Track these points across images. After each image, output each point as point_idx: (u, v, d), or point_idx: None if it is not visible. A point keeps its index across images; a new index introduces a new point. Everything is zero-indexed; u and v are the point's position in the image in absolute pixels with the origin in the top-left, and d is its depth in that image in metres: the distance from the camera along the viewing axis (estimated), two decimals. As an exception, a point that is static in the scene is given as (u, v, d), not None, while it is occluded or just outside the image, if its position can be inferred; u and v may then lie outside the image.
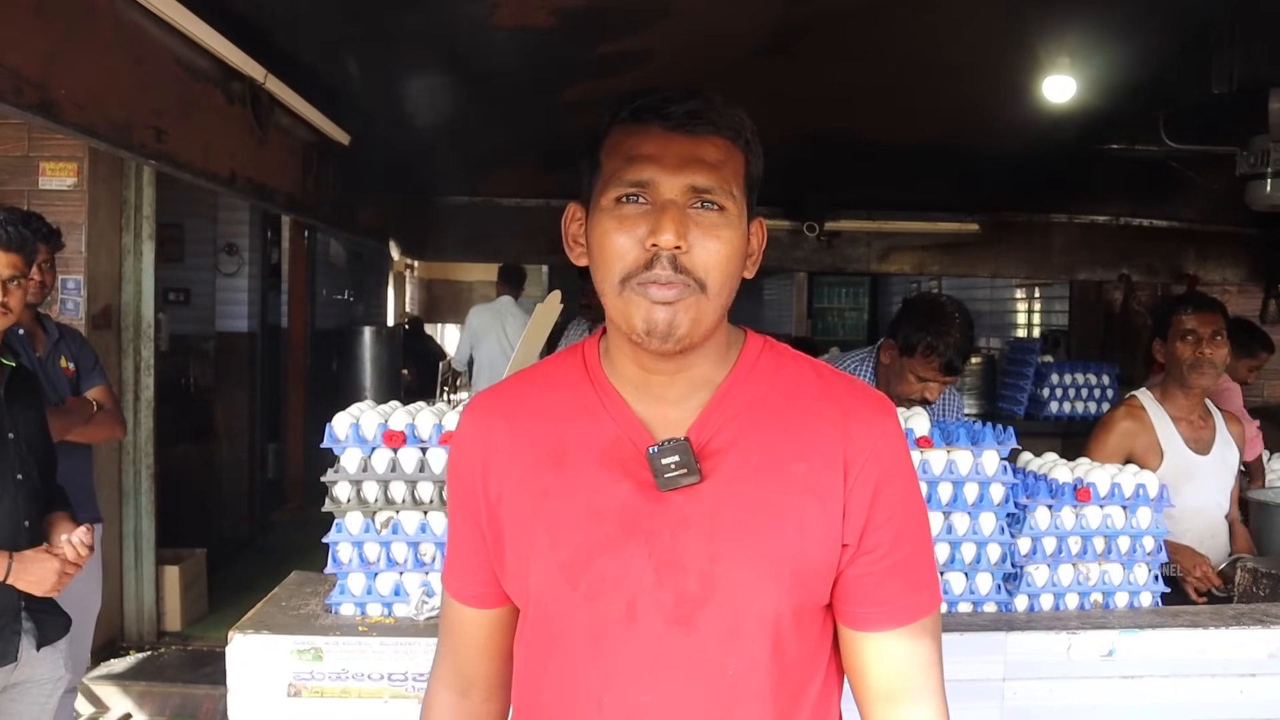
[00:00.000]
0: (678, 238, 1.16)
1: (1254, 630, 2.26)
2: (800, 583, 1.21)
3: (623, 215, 1.20)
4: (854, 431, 1.24)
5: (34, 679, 2.73)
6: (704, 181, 1.19)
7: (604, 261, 1.21)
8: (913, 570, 1.27)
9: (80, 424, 3.53)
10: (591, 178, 1.25)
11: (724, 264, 1.20)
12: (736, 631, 1.20)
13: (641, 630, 1.21)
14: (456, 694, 1.39)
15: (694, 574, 1.20)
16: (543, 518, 1.25)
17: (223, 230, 7.15)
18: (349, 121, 4.18)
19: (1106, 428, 3.20)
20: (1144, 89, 3.86)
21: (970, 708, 2.16)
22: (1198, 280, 6.78)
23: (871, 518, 1.23)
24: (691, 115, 1.20)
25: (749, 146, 1.25)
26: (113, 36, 2.49)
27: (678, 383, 1.26)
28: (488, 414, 1.33)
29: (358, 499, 2.26)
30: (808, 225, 6.62)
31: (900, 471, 1.27)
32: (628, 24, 3.20)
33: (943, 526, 2.30)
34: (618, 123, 1.23)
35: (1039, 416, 6.32)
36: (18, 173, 4.73)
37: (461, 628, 1.38)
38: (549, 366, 1.36)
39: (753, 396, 1.26)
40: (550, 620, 1.25)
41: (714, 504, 1.21)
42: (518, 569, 1.27)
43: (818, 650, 1.27)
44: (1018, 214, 6.86)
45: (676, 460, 1.20)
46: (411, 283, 15.29)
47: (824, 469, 1.23)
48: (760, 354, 1.30)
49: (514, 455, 1.28)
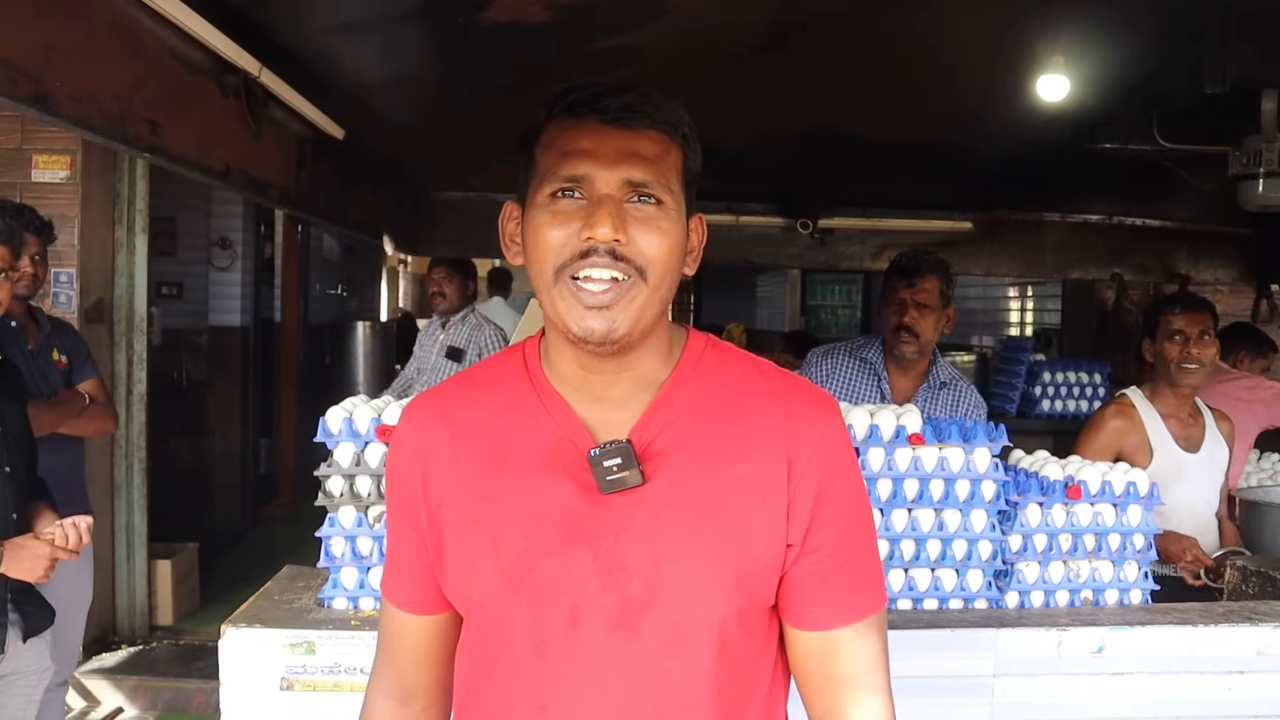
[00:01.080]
0: (615, 231, 1.15)
1: (1242, 628, 2.27)
2: (745, 584, 1.20)
3: (557, 210, 1.18)
4: (797, 430, 1.23)
5: (20, 670, 2.73)
6: (640, 175, 1.17)
7: (538, 257, 1.19)
8: (858, 569, 1.25)
9: (72, 417, 3.52)
10: (527, 174, 1.23)
11: (664, 257, 1.18)
12: (681, 635, 1.19)
13: (585, 636, 1.19)
14: (396, 703, 1.36)
15: (637, 578, 1.18)
16: (484, 522, 1.22)
17: (216, 224, 7.14)
18: (343, 116, 4.18)
19: (1097, 426, 3.22)
20: (1137, 88, 3.87)
21: (961, 704, 2.17)
22: (1190, 280, 6.80)
23: (816, 517, 1.22)
24: (627, 109, 1.18)
25: (687, 141, 1.23)
26: (108, 29, 2.48)
27: (619, 382, 1.24)
28: (428, 416, 1.31)
29: (351, 493, 2.26)
30: (801, 222, 6.62)
31: (844, 470, 1.25)
32: (623, 20, 3.20)
33: (934, 523, 2.31)
34: (553, 118, 1.22)
35: (1031, 414, 6.34)
36: (10, 165, 4.72)
37: (401, 635, 1.35)
38: (490, 367, 1.34)
39: (696, 396, 1.24)
40: (493, 627, 1.23)
41: (657, 506, 1.19)
42: (459, 575, 1.25)
43: (763, 652, 1.26)
44: (1011, 213, 6.87)
45: (619, 463, 1.18)
46: (405, 277, 15.26)
47: (767, 469, 1.21)
48: (703, 352, 1.28)
49: (455, 458, 1.26)
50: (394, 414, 2.30)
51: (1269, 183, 3.94)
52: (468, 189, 6.72)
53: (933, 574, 2.32)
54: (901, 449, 2.29)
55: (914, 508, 2.30)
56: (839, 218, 6.75)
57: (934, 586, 2.33)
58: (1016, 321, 9.55)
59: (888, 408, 2.38)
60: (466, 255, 5.32)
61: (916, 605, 2.31)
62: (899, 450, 2.29)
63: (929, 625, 2.20)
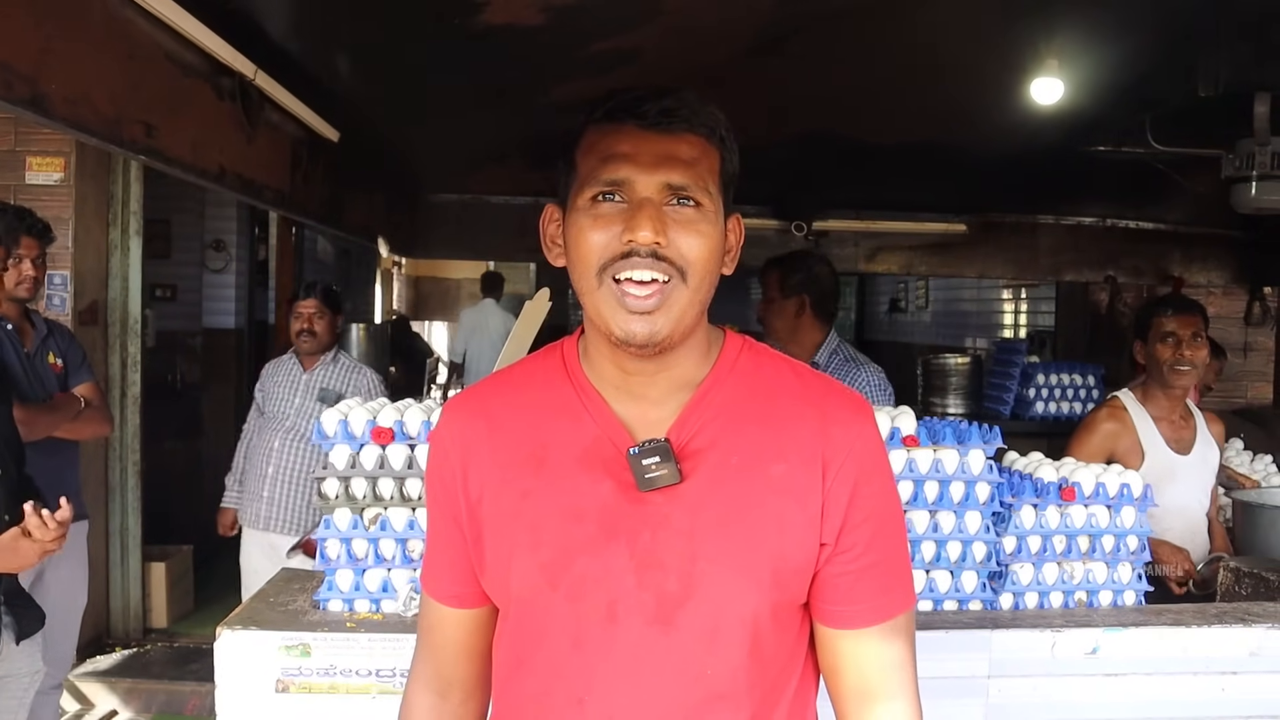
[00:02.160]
0: (655, 234, 1.17)
1: (1236, 629, 2.29)
2: (778, 582, 1.23)
3: (599, 214, 1.21)
4: (833, 433, 1.25)
5: (12, 673, 2.73)
6: (679, 179, 1.20)
7: (580, 259, 1.22)
8: (888, 570, 1.28)
9: (67, 420, 3.52)
10: (568, 179, 1.26)
11: (704, 258, 1.21)
12: (715, 631, 1.21)
13: (621, 631, 1.22)
14: (436, 695, 1.39)
15: (674, 574, 1.21)
16: (523, 518, 1.25)
17: (210, 226, 7.14)
18: (338, 118, 4.18)
19: (1089, 428, 3.23)
20: (1131, 91, 3.88)
21: (955, 705, 2.18)
22: (1183, 282, 6.81)
23: (849, 518, 1.24)
24: (666, 113, 1.21)
25: (724, 143, 1.26)
26: (104, 32, 2.48)
27: (658, 383, 1.26)
28: (468, 414, 1.34)
29: (346, 495, 2.27)
30: (796, 224, 6.62)
31: (877, 473, 1.28)
32: (618, 22, 3.21)
33: (929, 525, 2.31)
34: (593, 123, 1.24)
35: (1025, 416, 6.35)
36: (4, 167, 4.73)
37: (441, 628, 1.38)
38: (528, 366, 1.37)
39: (733, 396, 1.27)
40: (531, 621, 1.26)
41: (694, 504, 1.22)
42: (498, 569, 1.27)
43: (795, 649, 1.28)
44: (1005, 215, 6.87)
45: (657, 461, 1.21)
46: (399, 280, 15.26)
47: (803, 470, 1.24)
48: (740, 354, 1.31)
49: (494, 455, 1.29)
50: (389, 416, 2.30)
51: (1262, 185, 3.95)
52: (463, 191, 6.70)
53: (927, 575, 2.33)
54: (896, 450, 2.30)
55: (909, 509, 2.30)
56: (833, 220, 6.75)
57: (929, 588, 2.34)
58: (1010, 324, 9.55)
59: (882, 410, 2.39)
60: (462, 257, 5.27)
61: (911, 606, 2.32)
62: (893, 452, 2.30)
63: (924, 626, 2.19)
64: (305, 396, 4.43)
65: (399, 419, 2.29)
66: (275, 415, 4.45)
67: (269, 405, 4.51)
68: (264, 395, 4.55)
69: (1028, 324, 9.24)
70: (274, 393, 4.51)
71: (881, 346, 12.18)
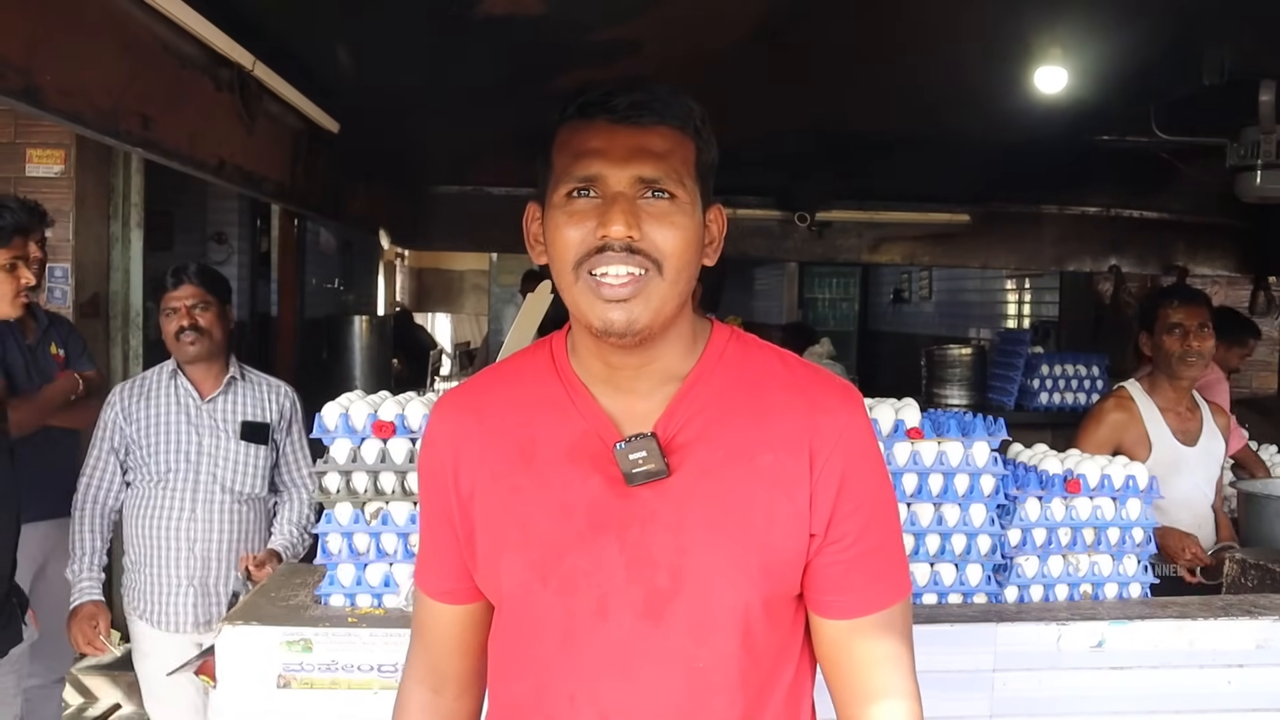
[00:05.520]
0: (628, 228, 1.18)
1: (1242, 621, 2.28)
2: (768, 574, 1.23)
3: (573, 210, 1.21)
4: (820, 422, 1.25)
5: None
6: (651, 171, 1.20)
7: (558, 256, 1.23)
8: (880, 559, 1.28)
9: (62, 399, 3.49)
10: (544, 176, 1.27)
11: (679, 250, 1.21)
12: (706, 624, 1.22)
13: (613, 625, 1.22)
14: (430, 691, 1.39)
15: (663, 568, 1.21)
16: (513, 514, 1.26)
17: (212, 218, 7.12)
18: (338, 109, 4.16)
19: (1096, 419, 3.22)
20: (1135, 80, 3.86)
21: (960, 698, 2.17)
22: (1188, 272, 6.79)
23: (838, 508, 1.24)
24: (636, 106, 1.21)
25: (699, 134, 1.26)
26: (99, 22, 2.46)
27: (644, 376, 1.26)
28: (458, 410, 1.34)
29: (347, 490, 2.26)
30: (799, 215, 6.61)
31: (867, 461, 1.27)
32: (619, 11, 3.19)
33: (933, 518, 2.30)
34: (566, 120, 1.25)
35: (1029, 408, 6.33)
36: (4, 159, 4.71)
37: (435, 624, 1.38)
38: (519, 361, 1.37)
39: (720, 388, 1.27)
40: (522, 616, 1.26)
41: (682, 498, 1.22)
42: (489, 566, 1.28)
43: (789, 640, 1.28)
44: (1008, 205, 6.86)
45: (644, 455, 1.21)
46: (402, 271, 15.24)
47: (791, 460, 1.23)
48: (727, 344, 1.31)
49: (484, 452, 1.29)
50: (391, 410, 2.29)
51: (1267, 174, 3.94)
52: (465, 182, 6.69)
53: (931, 568, 2.32)
54: (900, 443, 2.29)
55: (912, 502, 2.29)
56: (836, 210, 6.73)
57: (933, 581, 2.33)
58: (1014, 314, 9.53)
59: (885, 402, 2.37)
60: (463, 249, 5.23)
61: (915, 600, 2.31)
62: (898, 444, 2.29)
63: (928, 620, 2.20)
64: (217, 435, 3.14)
65: (400, 413, 2.28)
66: (174, 467, 3.11)
67: (158, 455, 3.11)
68: (137, 441, 3.13)
69: (1031, 314, 9.22)
70: (159, 435, 3.12)
71: (885, 337, 12.17)
